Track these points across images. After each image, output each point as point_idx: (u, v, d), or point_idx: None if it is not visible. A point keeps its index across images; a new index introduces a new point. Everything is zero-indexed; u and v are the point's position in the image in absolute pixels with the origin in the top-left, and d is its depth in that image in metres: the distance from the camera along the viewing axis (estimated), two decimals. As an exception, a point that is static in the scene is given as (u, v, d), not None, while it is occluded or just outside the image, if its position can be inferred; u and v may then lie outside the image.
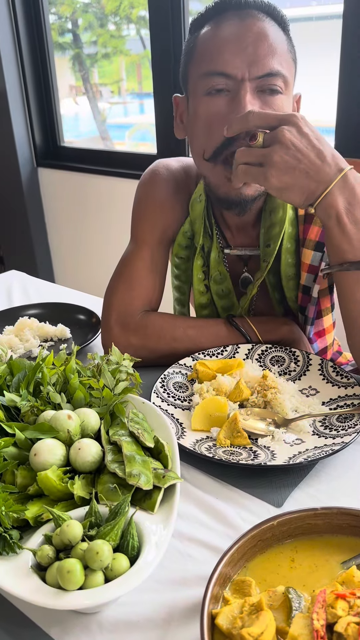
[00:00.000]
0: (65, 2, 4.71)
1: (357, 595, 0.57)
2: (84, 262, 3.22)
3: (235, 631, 0.55)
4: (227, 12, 0.98)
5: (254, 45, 0.95)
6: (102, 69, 6.29)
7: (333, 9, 2.13)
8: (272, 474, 0.82)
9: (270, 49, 0.96)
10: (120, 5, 5.09)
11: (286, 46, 0.99)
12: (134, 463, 0.72)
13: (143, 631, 0.62)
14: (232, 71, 0.96)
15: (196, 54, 1.02)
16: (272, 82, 0.97)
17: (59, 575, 0.58)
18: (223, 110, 0.98)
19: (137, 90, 7.92)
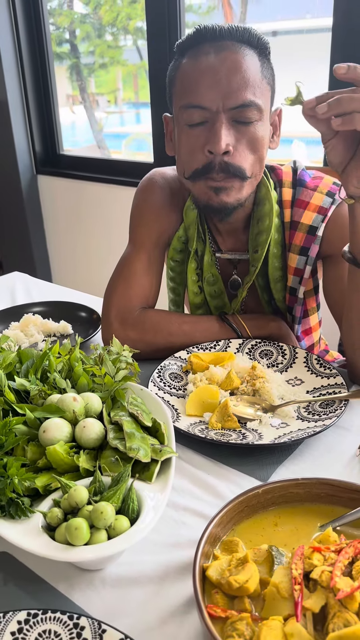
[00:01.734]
0: (63, 13, 4.80)
1: (331, 550, 0.64)
2: (82, 267, 3.30)
3: (223, 580, 0.63)
4: (203, 44, 1.05)
5: (228, 78, 1.02)
6: (99, 79, 6.39)
7: (324, 22, 2.21)
8: (259, 452, 0.90)
9: (243, 80, 1.03)
10: (117, 16, 5.20)
11: (260, 74, 1.05)
12: (133, 439, 0.79)
13: (142, 586, 0.69)
14: (207, 104, 1.04)
15: (177, 84, 1.09)
16: (246, 113, 1.04)
17: (67, 532, 0.66)
18: (201, 141, 1.06)
19: (134, 99, 8.02)
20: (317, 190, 1.19)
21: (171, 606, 0.66)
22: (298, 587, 0.60)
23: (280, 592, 0.61)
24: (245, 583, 0.62)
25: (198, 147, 1.07)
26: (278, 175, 1.23)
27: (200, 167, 1.08)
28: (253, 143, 1.07)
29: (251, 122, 1.05)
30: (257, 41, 1.06)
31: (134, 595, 0.68)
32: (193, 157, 1.09)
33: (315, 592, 0.60)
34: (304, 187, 1.21)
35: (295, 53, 5.80)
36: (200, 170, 1.09)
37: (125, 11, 5.14)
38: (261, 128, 1.08)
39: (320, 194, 1.19)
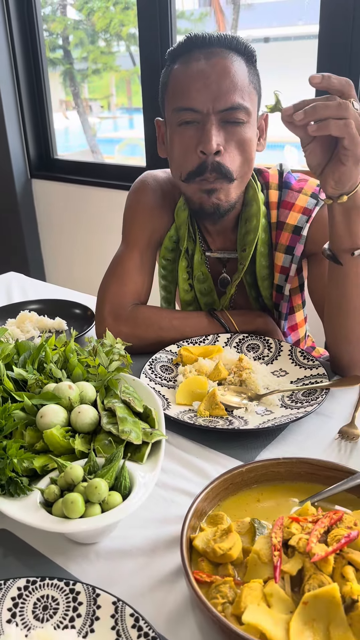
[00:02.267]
0: (56, 19, 4.86)
1: (309, 520, 0.69)
2: (75, 269, 3.34)
3: (208, 549, 0.68)
4: (194, 51, 1.11)
5: (217, 82, 1.08)
6: (92, 84, 6.45)
7: (316, 29, 2.25)
8: (244, 437, 0.95)
9: (232, 84, 1.09)
10: (110, 22, 5.26)
11: (247, 79, 1.12)
12: (125, 423, 0.84)
13: (133, 558, 0.74)
14: (198, 106, 1.10)
15: (169, 88, 1.16)
16: (235, 115, 1.10)
17: (64, 506, 0.70)
18: (193, 140, 1.12)
19: (127, 105, 8.09)
20: (301, 192, 1.25)
21: (160, 575, 0.71)
22: (277, 553, 0.65)
23: (260, 558, 0.66)
24: (229, 550, 0.67)
25: (191, 148, 1.13)
26: (265, 178, 1.29)
27: (194, 168, 1.14)
28: (241, 144, 1.13)
29: (240, 123, 1.11)
30: (244, 48, 1.13)
31: (125, 566, 0.73)
32: (186, 158, 1.14)
33: (293, 558, 0.65)
34: (289, 189, 1.26)
35: (287, 59, 5.88)
36: (194, 172, 1.14)
37: (118, 18, 5.21)
38: (249, 130, 1.14)
39: (304, 196, 1.24)
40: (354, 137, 0.86)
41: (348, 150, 0.87)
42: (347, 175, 0.90)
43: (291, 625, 0.59)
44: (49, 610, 0.65)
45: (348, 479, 0.77)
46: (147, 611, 0.66)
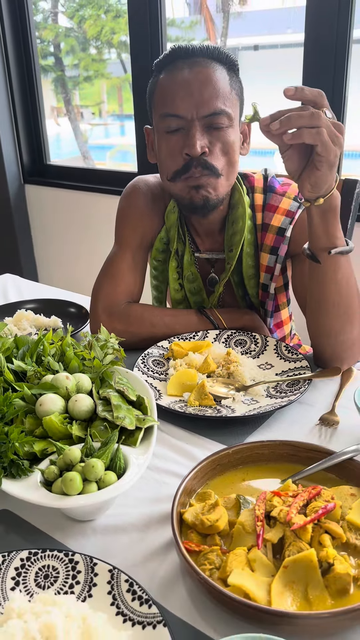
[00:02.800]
0: (48, 27, 4.93)
1: (289, 495, 0.75)
2: (68, 272, 3.40)
3: (197, 521, 0.74)
4: (177, 61, 1.18)
5: (200, 90, 1.15)
6: (83, 91, 6.51)
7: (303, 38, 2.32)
8: (232, 424, 1.01)
9: (214, 91, 1.16)
10: (101, 30, 5.33)
11: (229, 86, 1.19)
12: (120, 409, 0.90)
13: (127, 533, 0.80)
14: (183, 113, 1.16)
15: (156, 97, 1.23)
16: (217, 120, 1.17)
17: (63, 484, 0.76)
18: (179, 144, 1.19)
19: (118, 112, 8.15)
20: (285, 195, 1.32)
21: (153, 548, 0.77)
22: (260, 523, 0.71)
23: (245, 529, 0.72)
24: (216, 522, 0.73)
25: (177, 151, 1.20)
26: (250, 182, 1.36)
27: (180, 167, 1.20)
28: (225, 146, 1.20)
29: (222, 127, 1.18)
30: (226, 58, 1.20)
31: (120, 541, 0.78)
32: (173, 160, 1.21)
33: (275, 527, 0.71)
34: (273, 193, 1.33)
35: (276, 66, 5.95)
36: (180, 170, 1.21)
37: (109, 25, 5.28)
38: (232, 133, 1.20)
39: (288, 199, 1.31)
40: (326, 144, 0.92)
41: (322, 156, 0.94)
42: (322, 179, 0.97)
43: (272, 587, 0.65)
44: (50, 578, 0.70)
45: (326, 459, 0.83)
46: (140, 580, 0.71)
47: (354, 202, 1.60)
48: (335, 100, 2.19)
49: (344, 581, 0.65)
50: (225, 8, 5.49)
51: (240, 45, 6.49)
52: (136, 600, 0.66)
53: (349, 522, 0.73)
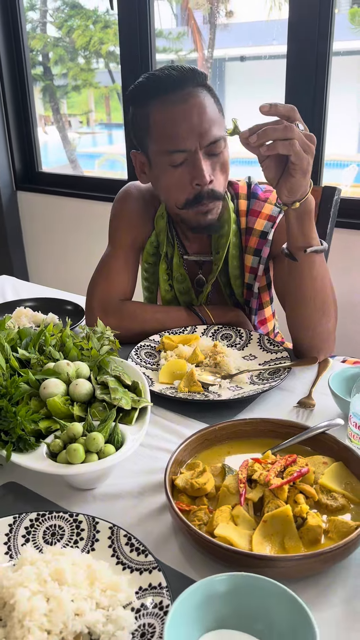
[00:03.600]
0: (36, 36, 5.02)
1: (268, 462, 0.85)
2: (59, 278, 3.48)
3: (187, 485, 0.83)
4: (169, 95, 1.24)
5: (199, 122, 1.23)
6: (71, 100, 6.61)
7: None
8: (218, 408, 1.11)
9: (210, 120, 1.24)
10: (90, 40, 5.44)
11: (216, 110, 1.27)
12: (117, 392, 0.99)
13: (124, 499, 0.89)
14: (187, 146, 1.25)
15: (154, 132, 1.28)
16: (217, 147, 1.26)
17: (67, 454, 0.85)
18: (186, 176, 1.27)
19: (106, 121, 8.25)
20: (267, 201, 1.42)
21: (147, 511, 0.86)
22: (242, 485, 0.81)
23: (229, 490, 0.81)
24: (204, 485, 0.82)
25: (186, 183, 1.29)
26: (235, 189, 1.46)
27: (191, 197, 1.30)
28: (224, 166, 1.31)
29: (221, 152, 1.29)
30: (203, 78, 1.28)
31: (118, 506, 0.88)
32: (182, 191, 1.30)
33: (255, 489, 0.81)
34: (256, 199, 1.43)
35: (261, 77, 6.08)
36: (192, 200, 1.30)
37: (98, 36, 5.39)
38: (226, 152, 1.32)
39: (270, 205, 1.42)
40: (299, 153, 1.03)
41: (295, 164, 1.04)
42: (297, 185, 1.08)
43: (253, 538, 0.75)
44: (57, 536, 0.79)
45: (302, 433, 0.93)
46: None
47: (332, 208, 1.71)
48: (315, 111, 2.30)
49: (316, 532, 0.75)
50: (212, 20, 5.63)
51: (227, 56, 6.62)
52: (134, 551, 0.75)
53: (321, 485, 0.83)
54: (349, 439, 0.93)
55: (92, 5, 5.27)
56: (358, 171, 5.85)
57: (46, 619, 0.65)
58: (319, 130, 2.33)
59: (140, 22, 2.75)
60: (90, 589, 0.69)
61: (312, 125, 2.32)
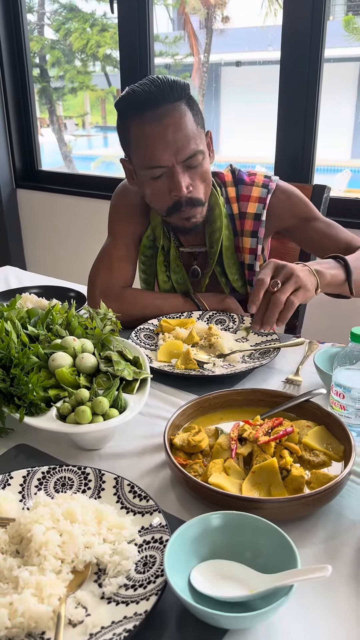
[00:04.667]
0: (34, 39, 5.11)
1: (256, 425, 0.94)
2: (55, 271, 3.57)
3: (184, 443, 0.92)
4: (146, 113, 1.31)
5: (174, 139, 1.32)
6: (67, 102, 6.69)
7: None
8: (212, 383, 1.20)
9: (186, 136, 1.32)
10: (87, 43, 5.53)
11: (194, 123, 1.34)
12: (119, 364, 1.08)
13: (127, 458, 0.98)
14: (164, 163, 1.34)
15: (133, 148, 1.39)
16: (194, 161, 1.36)
17: (76, 415, 0.94)
18: (165, 187, 1.38)
19: (102, 124, 8.32)
20: (254, 184, 1.53)
21: (148, 468, 0.95)
22: (234, 442, 0.90)
23: (222, 447, 0.90)
24: (199, 442, 0.91)
25: (165, 193, 1.40)
26: (221, 178, 1.56)
27: (171, 205, 1.41)
28: (203, 176, 1.41)
29: (199, 163, 1.38)
30: (182, 92, 1.33)
31: (121, 464, 0.97)
32: (162, 201, 1.42)
33: (245, 445, 0.90)
34: (243, 185, 1.54)
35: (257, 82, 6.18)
36: (172, 208, 1.41)
37: (95, 39, 5.49)
38: (206, 163, 1.41)
39: (257, 187, 1.52)
40: (300, 302, 1.16)
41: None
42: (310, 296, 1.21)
43: (243, 486, 0.84)
44: (66, 486, 0.88)
45: (288, 401, 1.02)
46: (138, 489, 0.89)
47: (322, 206, 1.81)
48: (307, 116, 2.41)
49: (299, 482, 0.84)
50: (208, 24, 5.74)
51: (222, 61, 6.74)
52: (137, 497, 0.84)
53: (304, 444, 0.92)
54: (330, 406, 1.02)
55: (89, 9, 5.37)
56: (351, 176, 5.98)
57: (60, 549, 0.74)
58: (310, 134, 2.43)
59: (139, 26, 2.85)
60: (98, 527, 0.78)
61: (304, 129, 2.42)
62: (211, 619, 0.65)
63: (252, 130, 5.94)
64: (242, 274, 1.60)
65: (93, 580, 0.74)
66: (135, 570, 0.74)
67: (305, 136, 2.45)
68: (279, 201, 1.53)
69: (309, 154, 2.46)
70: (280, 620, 0.69)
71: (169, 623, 0.69)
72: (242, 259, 1.57)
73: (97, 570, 0.75)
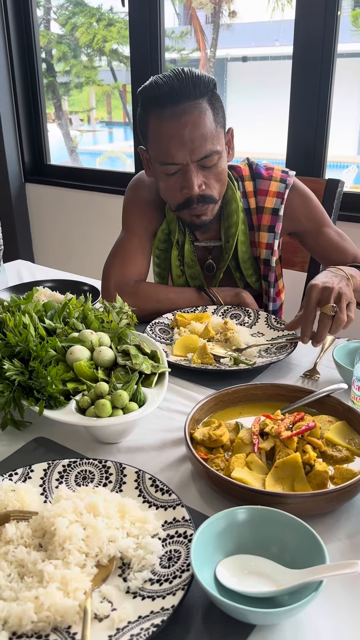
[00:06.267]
0: (40, 33, 5.09)
1: (278, 419, 0.93)
2: (64, 266, 3.56)
3: (205, 438, 0.91)
4: (165, 109, 1.30)
5: (191, 138, 1.31)
6: (72, 98, 6.68)
7: (291, 50, 2.50)
8: (230, 377, 1.19)
9: (202, 136, 1.31)
10: (93, 38, 5.51)
11: (213, 124, 1.33)
12: (137, 358, 1.07)
13: (146, 452, 0.97)
14: (178, 161, 1.34)
15: (150, 142, 1.39)
16: (209, 161, 1.35)
17: (96, 408, 0.93)
18: (178, 184, 1.38)
19: (107, 119, 8.31)
20: (272, 179, 1.52)
21: (168, 462, 0.94)
22: (255, 436, 0.89)
23: (243, 441, 0.90)
24: (220, 437, 0.91)
25: (177, 190, 1.40)
26: (238, 172, 1.55)
27: (182, 201, 1.41)
28: (218, 176, 1.41)
29: (214, 164, 1.37)
30: (206, 88, 1.32)
31: (141, 458, 0.96)
32: (174, 197, 1.42)
33: (267, 440, 0.89)
34: (261, 179, 1.53)
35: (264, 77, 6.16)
36: (182, 204, 1.42)
37: (101, 34, 5.46)
38: (222, 163, 1.40)
39: (275, 182, 1.51)
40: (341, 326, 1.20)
41: None
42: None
43: (266, 481, 0.83)
44: (87, 480, 0.88)
45: (309, 396, 1.01)
46: (159, 484, 0.89)
47: (335, 200, 1.80)
48: (320, 112, 2.39)
49: (323, 477, 0.83)
50: (215, 19, 5.71)
51: (229, 56, 6.70)
52: (159, 491, 0.83)
53: (327, 439, 0.91)
54: (352, 401, 1.01)
55: (96, 3, 5.35)
56: (358, 172, 5.95)
57: (84, 543, 0.73)
58: (323, 129, 2.42)
59: (150, 20, 2.83)
60: (121, 521, 0.77)
61: (317, 124, 2.40)
62: (239, 614, 0.65)
63: (259, 126, 5.93)
64: (256, 269, 1.59)
65: (118, 575, 0.73)
66: (160, 564, 0.73)
67: (317, 131, 2.43)
68: (295, 204, 1.53)
69: (321, 149, 2.45)
70: (308, 616, 0.68)
71: (195, 618, 0.68)
72: (257, 254, 1.56)
73: (121, 564, 0.74)
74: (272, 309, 1.63)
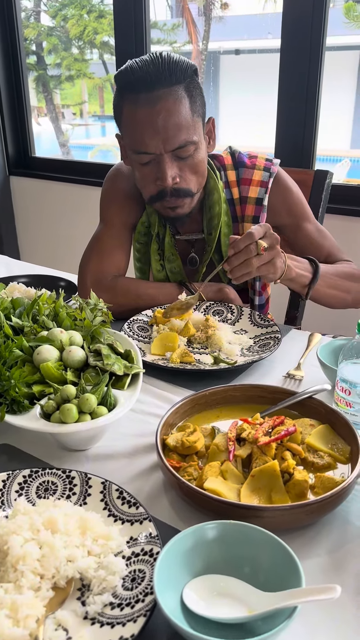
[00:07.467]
0: (30, 25, 5.00)
1: (256, 424, 0.87)
2: (49, 259, 3.49)
3: (178, 444, 0.85)
4: (139, 95, 1.23)
5: (164, 126, 1.24)
6: (65, 91, 6.59)
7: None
8: (210, 378, 1.13)
9: (177, 125, 1.24)
10: (84, 30, 5.42)
11: (190, 113, 1.26)
12: (109, 358, 1.01)
13: (116, 459, 0.91)
14: (152, 150, 1.27)
15: (123, 128, 1.33)
16: (184, 152, 1.28)
17: (61, 414, 0.87)
18: (152, 175, 1.31)
19: (99, 113, 8.22)
20: (255, 167, 1.46)
21: (139, 470, 0.88)
22: (232, 442, 0.83)
23: (219, 448, 0.83)
24: (194, 443, 0.84)
25: (150, 180, 1.33)
26: (220, 161, 1.49)
27: (155, 193, 1.34)
28: (194, 168, 1.33)
29: (189, 155, 1.30)
30: (183, 75, 1.25)
31: (110, 466, 0.90)
32: (148, 188, 1.35)
33: (244, 446, 0.83)
34: (244, 168, 1.47)
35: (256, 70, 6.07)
36: (155, 196, 1.35)
37: (92, 25, 5.38)
38: (199, 154, 1.33)
39: (259, 171, 1.45)
40: (260, 275, 1.22)
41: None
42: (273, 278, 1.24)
43: (241, 491, 0.77)
44: (50, 491, 0.81)
45: (290, 398, 0.95)
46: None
47: (324, 192, 1.74)
48: (308, 104, 2.32)
49: (302, 486, 0.77)
50: (207, 12, 5.62)
51: (221, 49, 6.63)
52: (125, 504, 0.77)
53: (308, 444, 0.85)
54: (335, 403, 0.95)
55: (86, -5, 5.26)
56: (351, 166, 5.89)
57: (39, 563, 0.67)
58: (312, 122, 2.35)
59: (135, 12, 2.75)
60: (82, 537, 0.71)
61: (305, 117, 2.34)
62: (206, 645, 0.58)
63: (251, 119, 5.85)
64: None
65: (76, 598, 0.67)
66: (122, 586, 0.67)
67: (306, 124, 2.36)
68: (277, 197, 1.47)
69: (310, 141, 2.38)
70: (281, 643, 0.62)
71: (158, 647, 0.62)
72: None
73: (80, 586, 0.68)
74: (258, 303, 1.56)
